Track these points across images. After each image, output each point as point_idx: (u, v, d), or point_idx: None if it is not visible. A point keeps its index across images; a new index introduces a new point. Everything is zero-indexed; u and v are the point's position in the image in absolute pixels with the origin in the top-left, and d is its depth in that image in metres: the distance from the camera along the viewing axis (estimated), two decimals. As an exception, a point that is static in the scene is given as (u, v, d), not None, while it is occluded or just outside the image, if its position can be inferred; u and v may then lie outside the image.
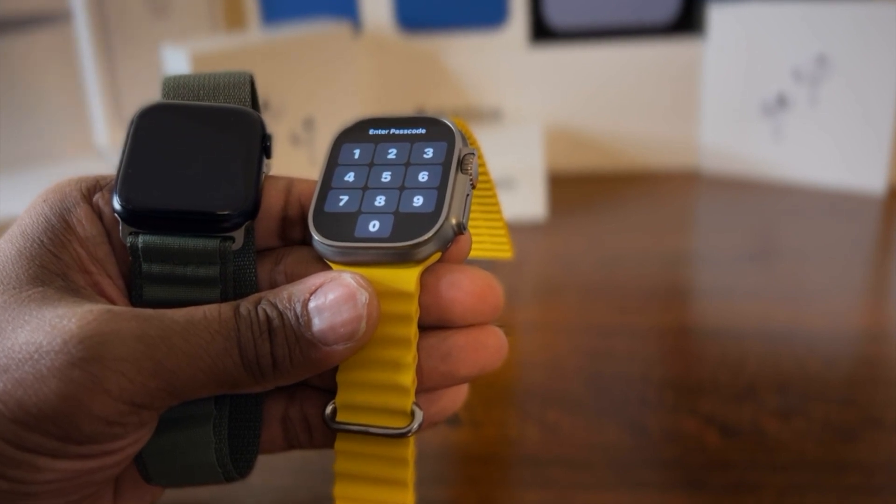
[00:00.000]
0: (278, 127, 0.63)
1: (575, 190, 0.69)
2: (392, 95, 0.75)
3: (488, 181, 0.29)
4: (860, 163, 0.64)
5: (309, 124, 0.66)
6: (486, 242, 0.31)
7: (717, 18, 0.67)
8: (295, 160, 0.65)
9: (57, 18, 0.68)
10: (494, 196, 0.29)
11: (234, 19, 0.78)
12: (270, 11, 0.76)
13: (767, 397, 0.38)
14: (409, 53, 0.74)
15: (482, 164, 0.27)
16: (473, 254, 0.28)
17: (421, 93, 0.75)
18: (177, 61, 0.57)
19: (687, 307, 0.49)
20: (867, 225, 0.59)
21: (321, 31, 0.66)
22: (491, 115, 0.74)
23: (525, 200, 0.62)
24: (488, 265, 0.25)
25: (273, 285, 0.24)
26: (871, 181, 0.64)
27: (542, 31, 0.71)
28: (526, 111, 0.73)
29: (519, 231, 0.59)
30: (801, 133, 0.66)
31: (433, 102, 0.74)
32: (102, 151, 0.71)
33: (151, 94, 0.26)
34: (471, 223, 0.29)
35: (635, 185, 0.70)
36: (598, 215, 0.63)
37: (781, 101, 0.66)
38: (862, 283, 0.51)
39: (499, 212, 0.30)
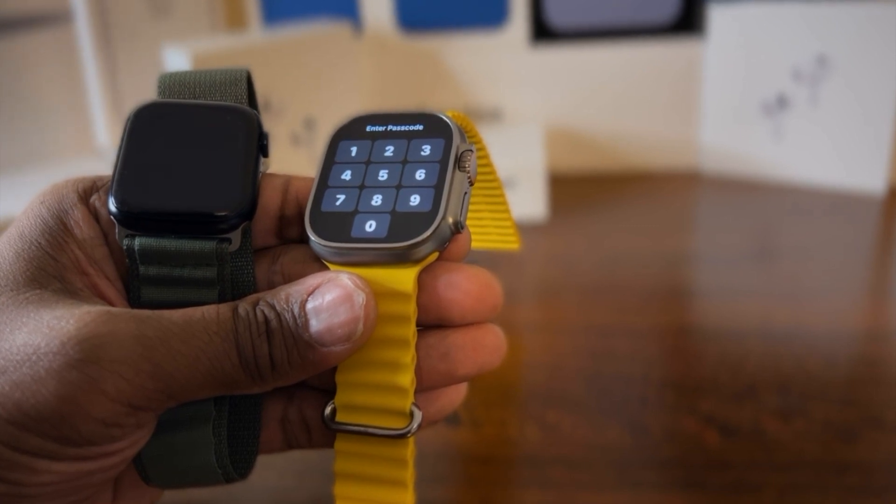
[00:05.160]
0: (279, 127, 0.63)
1: (575, 190, 0.69)
2: (392, 95, 0.75)
3: (492, 172, 0.28)
4: (860, 163, 0.64)
5: (309, 124, 0.66)
6: (493, 234, 0.31)
7: (717, 18, 0.67)
8: (295, 160, 0.65)
9: (58, 18, 0.68)
10: (500, 187, 0.29)
11: (234, 19, 0.78)
12: (271, 11, 0.76)
13: (767, 397, 0.38)
14: (409, 54, 0.74)
15: (485, 157, 0.27)
16: (480, 245, 0.28)
17: (421, 93, 0.75)
18: (178, 61, 0.57)
19: (687, 307, 0.49)
20: (867, 225, 0.59)
21: (322, 32, 0.66)
22: (491, 115, 0.74)
23: (525, 200, 0.62)
24: (489, 263, 0.25)
25: (271, 285, 0.24)
26: (871, 181, 0.64)
27: (542, 32, 0.71)
28: (526, 111, 0.73)
29: (519, 231, 0.59)
30: (801, 133, 0.66)
31: (434, 102, 0.74)
32: (103, 152, 0.71)
33: (152, 95, 0.26)
34: (476, 215, 0.29)
35: (635, 185, 0.70)
36: (598, 215, 0.63)
37: (781, 101, 0.66)
38: (862, 283, 0.51)
39: (504, 203, 0.30)
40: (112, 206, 0.22)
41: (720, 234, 0.59)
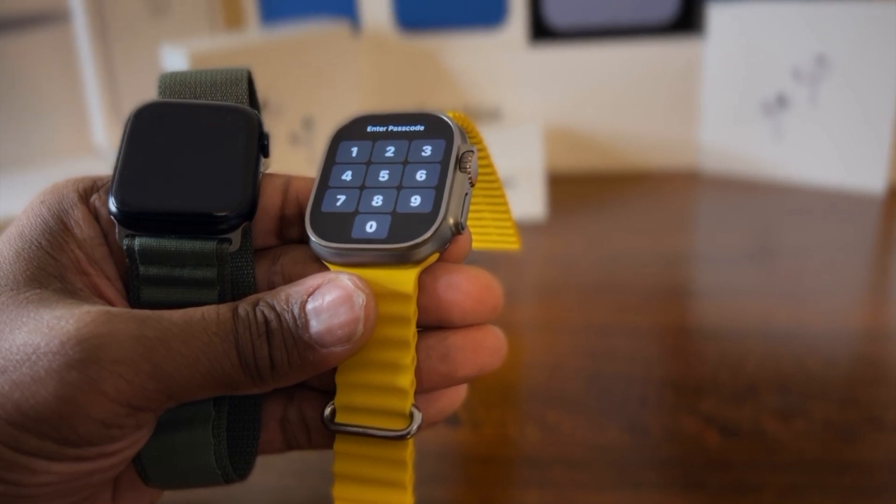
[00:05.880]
0: (277, 126, 0.63)
1: (575, 190, 0.69)
2: (391, 95, 0.75)
3: (493, 173, 0.28)
4: (860, 163, 0.64)
5: (308, 124, 0.66)
6: (493, 234, 0.31)
7: (716, 18, 0.67)
8: (294, 160, 0.65)
9: (56, 18, 0.68)
10: (500, 188, 0.29)
11: (233, 19, 0.78)
12: (269, 11, 0.76)
13: (768, 397, 0.38)
14: (408, 53, 0.74)
15: (486, 157, 0.27)
16: (480, 245, 0.28)
17: (420, 92, 0.75)
18: (176, 61, 0.57)
19: (687, 307, 0.49)
20: (867, 225, 0.59)
21: (320, 31, 0.66)
22: (490, 115, 0.74)
23: (525, 200, 0.61)
24: (489, 263, 0.25)
25: (271, 285, 0.24)
26: (871, 181, 0.64)
27: (541, 31, 0.71)
28: (525, 111, 0.73)
29: (519, 231, 0.59)
30: (801, 133, 0.66)
31: (433, 102, 0.74)
32: (101, 151, 0.71)
33: (150, 94, 0.26)
34: (476, 215, 0.29)
35: (635, 185, 0.70)
36: (597, 215, 0.63)
37: (781, 101, 0.66)
38: (862, 283, 0.51)
39: (504, 203, 0.30)
40: (112, 206, 0.22)
41: (720, 233, 0.59)
